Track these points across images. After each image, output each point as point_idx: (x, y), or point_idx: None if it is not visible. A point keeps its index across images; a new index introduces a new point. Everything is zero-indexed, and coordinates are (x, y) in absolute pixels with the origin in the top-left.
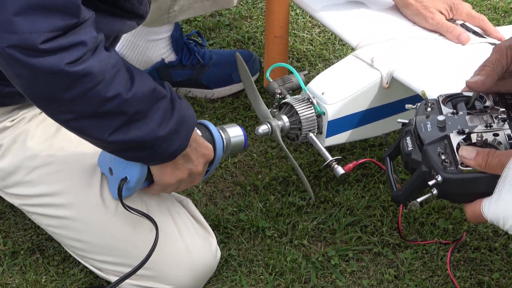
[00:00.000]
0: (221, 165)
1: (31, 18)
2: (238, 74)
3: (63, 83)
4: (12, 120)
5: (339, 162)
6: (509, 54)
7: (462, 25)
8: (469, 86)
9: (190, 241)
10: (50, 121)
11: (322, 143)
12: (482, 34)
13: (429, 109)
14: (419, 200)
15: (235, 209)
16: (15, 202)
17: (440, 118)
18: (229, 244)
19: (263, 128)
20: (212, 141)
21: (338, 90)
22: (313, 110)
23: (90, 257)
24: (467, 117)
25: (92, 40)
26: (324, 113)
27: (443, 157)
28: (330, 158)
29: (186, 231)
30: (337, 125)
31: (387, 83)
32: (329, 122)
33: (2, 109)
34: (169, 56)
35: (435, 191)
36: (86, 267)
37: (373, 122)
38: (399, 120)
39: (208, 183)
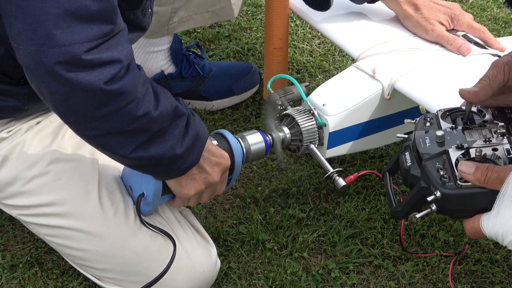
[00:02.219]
0: None
1: (69, 29)
2: (237, 86)
3: (97, 101)
4: (9, 131)
5: (340, 174)
6: (506, 70)
7: (464, 36)
8: (460, 94)
9: (190, 247)
10: (46, 132)
11: (323, 155)
12: (483, 45)
13: (428, 124)
14: (418, 215)
15: (234, 221)
16: (13, 212)
17: (439, 133)
18: (229, 257)
19: None
20: (230, 150)
21: (340, 102)
22: (314, 122)
23: (90, 265)
24: (466, 132)
25: (127, 57)
26: (325, 125)
27: (441, 172)
28: (331, 170)
29: (185, 238)
30: (338, 137)
31: (388, 95)
32: (330, 133)
33: None
34: (169, 67)
35: (434, 207)
36: (86, 281)
37: (374, 134)
38: (398, 135)
39: None
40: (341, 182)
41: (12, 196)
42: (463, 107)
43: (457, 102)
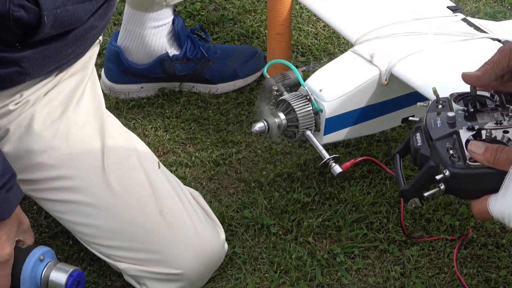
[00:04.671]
0: (225, 162)
1: None
2: (242, 69)
3: None
4: (16, 103)
5: (336, 160)
6: None
7: (464, 20)
8: (463, 77)
9: (199, 226)
10: (54, 104)
11: (320, 141)
12: (483, 29)
13: (440, 106)
14: (426, 194)
15: (239, 206)
16: (23, 188)
17: (450, 114)
18: (234, 242)
19: (259, 126)
20: (20, 263)
21: (336, 87)
22: (311, 107)
23: (98, 242)
24: (477, 115)
25: None
26: (321, 111)
27: (451, 152)
28: (327, 156)
29: (195, 217)
30: (335, 123)
31: (386, 80)
32: (326, 119)
33: (3, 93)
34: (173, 49)
35: (442, 186)
36: (90, 266)
37: (372, 119)
38: (410, 118)
39: (212, 180)
40: (337, 169)
41: (22, 170)
42: (477, 92)
43: (455, 86)
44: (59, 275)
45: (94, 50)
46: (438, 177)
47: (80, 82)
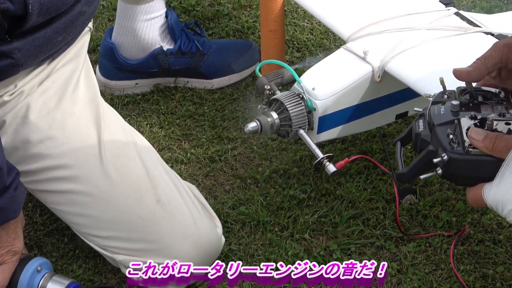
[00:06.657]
0: (221, 158)
1: None
2: (237, 63)
3: None
4: (11, 94)
5: (330, 159)
6: (505, 51)
7: (457, 14)
8: (454, 73)
9: (197, 216)
10: (50, 93)
11: (313, 140)
12: (477, 23)
13: (445, 96)
14: (422, 177)
15: (235, 202)
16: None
17: (455, 102)
18: (230, 239)
19: (252, 126)
20: (17, 275)
21: (329, 85)
22: (303, 106)
23: (95, 234)
24: (481, 106)
25: None
26: (315, 109)
27: (451, 137)
28: (321, 155)
29: (193, 207)
30: (329, 121)
31: (378, 77)
32: (320, 118)
33: None
34: (168, 43)
35: (439, 171)
36: (85, 263)
37: (365, 117)
38: (415, 108)
39: (207, 176)
40: (331, 168)
41: (19, 161)
42: (483, 87)
43: (448, 82)
44: (56, 287)
45: (85, 38)
46: (435, 160)
47: (74, 70)
